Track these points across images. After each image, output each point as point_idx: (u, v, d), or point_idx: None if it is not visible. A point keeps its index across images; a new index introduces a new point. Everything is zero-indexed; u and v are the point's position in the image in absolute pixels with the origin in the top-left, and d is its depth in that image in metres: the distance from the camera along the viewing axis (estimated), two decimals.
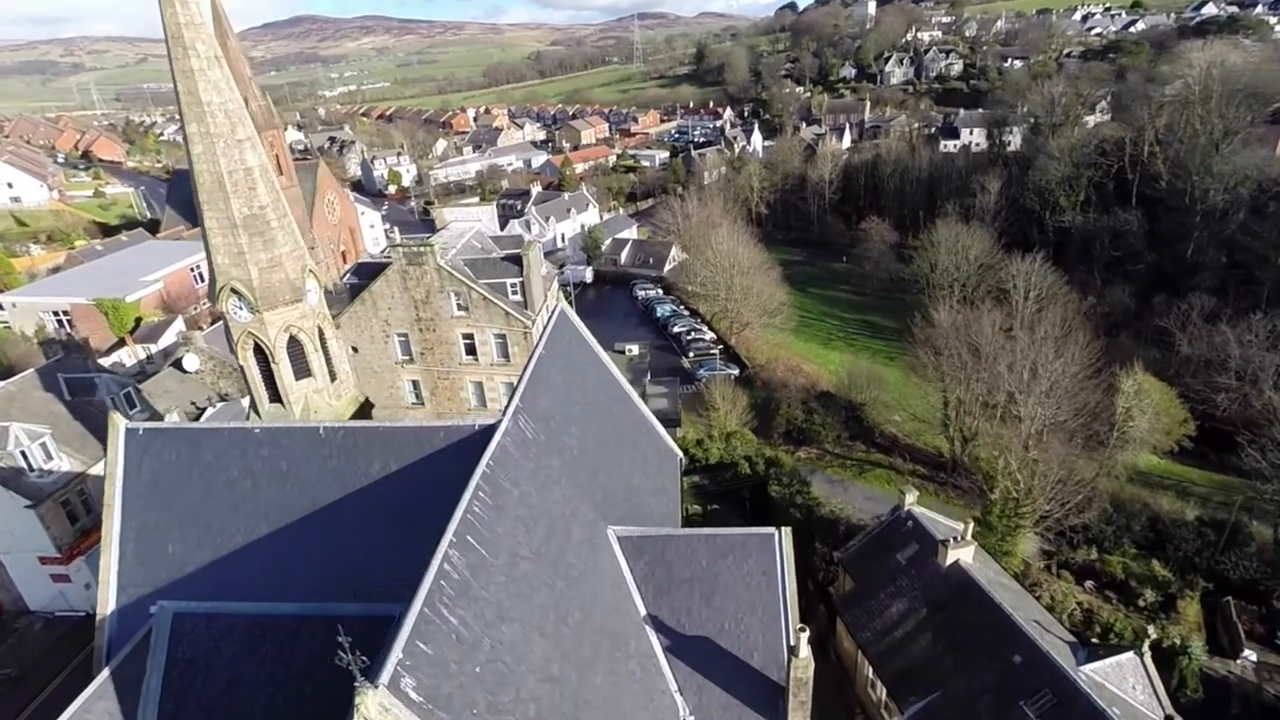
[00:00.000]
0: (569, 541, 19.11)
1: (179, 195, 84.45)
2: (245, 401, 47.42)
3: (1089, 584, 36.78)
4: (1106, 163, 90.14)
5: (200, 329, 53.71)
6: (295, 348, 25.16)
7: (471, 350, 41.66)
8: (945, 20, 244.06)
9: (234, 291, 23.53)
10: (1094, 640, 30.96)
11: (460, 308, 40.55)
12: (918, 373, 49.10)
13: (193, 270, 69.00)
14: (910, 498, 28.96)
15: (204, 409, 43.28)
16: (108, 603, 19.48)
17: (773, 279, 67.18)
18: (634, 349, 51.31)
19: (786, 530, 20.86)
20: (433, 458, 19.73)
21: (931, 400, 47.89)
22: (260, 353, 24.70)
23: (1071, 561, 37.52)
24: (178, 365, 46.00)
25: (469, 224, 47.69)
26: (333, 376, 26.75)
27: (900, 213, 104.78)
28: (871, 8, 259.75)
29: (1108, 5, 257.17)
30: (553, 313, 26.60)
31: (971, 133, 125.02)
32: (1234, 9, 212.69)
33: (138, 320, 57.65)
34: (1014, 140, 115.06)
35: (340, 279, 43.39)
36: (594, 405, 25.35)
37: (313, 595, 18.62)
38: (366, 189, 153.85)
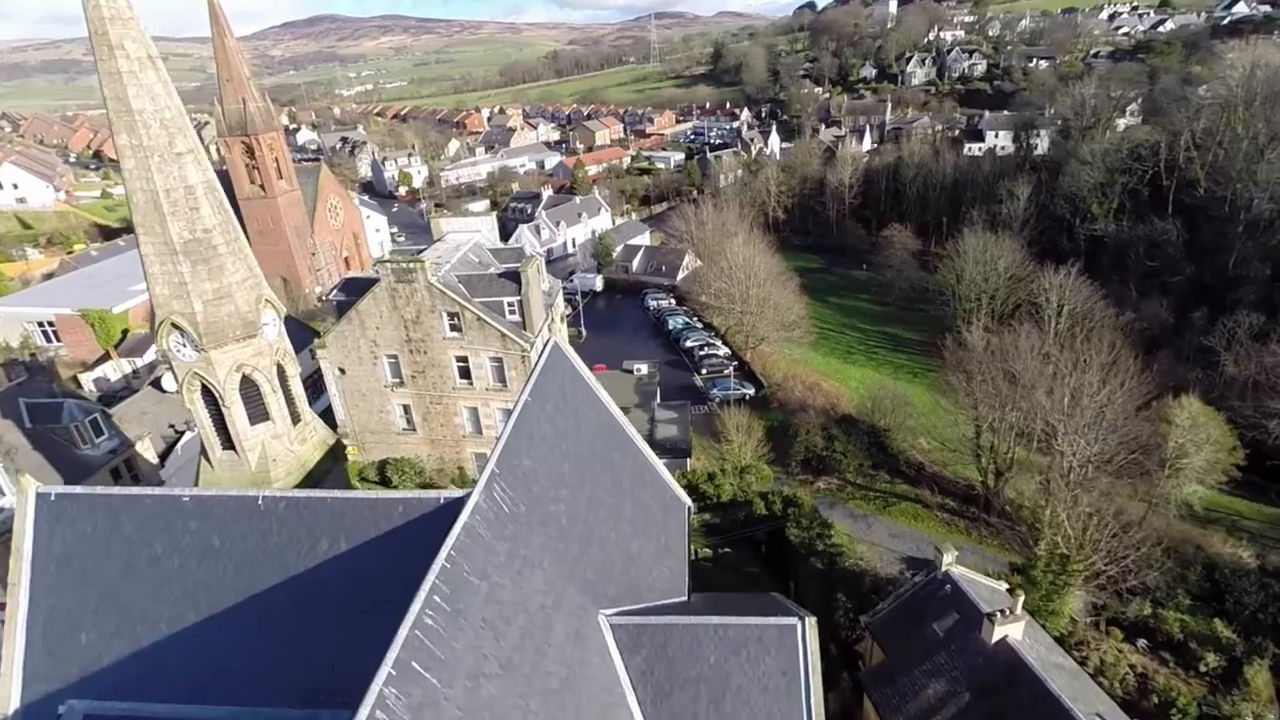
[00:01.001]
0: (550, 641, 15.81)
1: None
2: None
3: (1142, 643, 32.93)
4: (1141, 168, 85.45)
5: None
6: (250, 388, 22.07)
7: (466, 374, 38.52)
8: (968, 20, 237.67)
9: (175, 327, 20.45)
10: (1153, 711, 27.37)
11: (453, 328, 37.42)
12: (947, 397, 45.29)
13: None
14: (948, 557, 25.35)
15: (181, 433, 40.54)
16: (9, 699, 16.48)
17: (790, 291, 63.57)
18: (643, 368, 48.00)
19: (811, 622, 17.42)
20: (390, 536, 16.53)
21: (962, 427, 44.09)
22: (211, 395, 21.64)
23: (1122, 617, 33.70)
24: (156, 385, 43.37)
25: (467, 235, 44.59)
26: (295, 419, 23.64)
27: (923, 219, 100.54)
28: (893, 6, 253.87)
29: (1135, 4, 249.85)
30: (544, 348, 23.29)
31: (997, 135, 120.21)
32: (1267, 8, 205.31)
33: (124, 332, 55.22)
34: (1041, 144, 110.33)
35: (327, 296, 40.43)
36: (589, 456, 22.03)
37: (246, 696, 15.52)
38: (377, 190, 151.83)
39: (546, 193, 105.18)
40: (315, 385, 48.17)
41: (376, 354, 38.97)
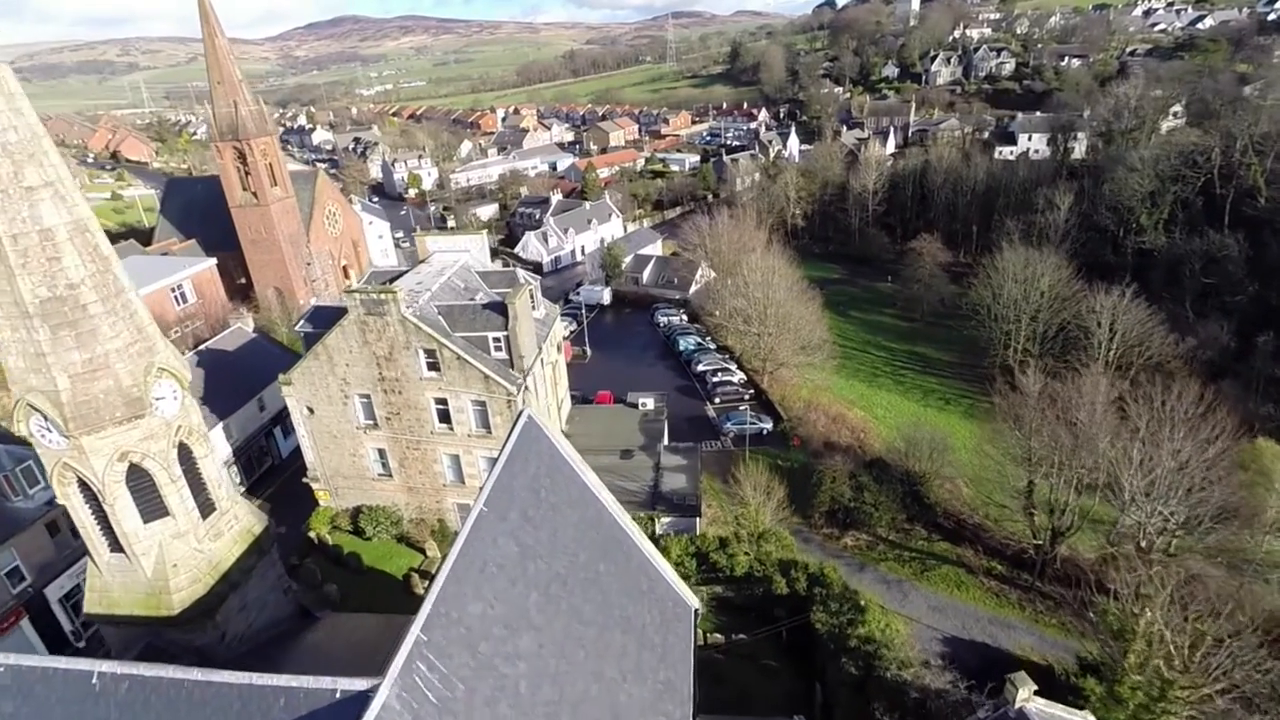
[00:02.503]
0: None
1: (174, 203, 78.54)
2: None
3: None
4: (1194, 176, 78.50)
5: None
6: (143, 478, 17.31)
7: (446, 417, 33.68)
8: (994, 17, 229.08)
9: (34, 408, 15.71)
10: None
11: (431, 367, 32.57)
12: (994, 443, 39.60)
13: (173, 291, 62.61)
14: (1022, 693, 19.92)
15: None
16: None
17: (813, 312, 57.97)
18: (649, 403, 42.90)
19: None
20: None
21: (1011, 479, 38.36)
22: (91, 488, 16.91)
23: None
24: None
25: (454, 255, 39.74)
26: (208, 509, 18.84)
27: (951, 228, 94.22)
28: (915, 4, 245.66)
29: (1171, 0, 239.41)
30: (514, 426, 18.32)
31: (1030, 138, 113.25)
32: None
33: None
34: (1079, 148, 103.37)
35: (294, 327, 35.84)
36: (566, 577, 16.97)
37: None
38: (387, 192, 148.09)
39: (556, 197, 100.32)
40: (286, 423, 43.64)
41: (347, 393, 34.26)
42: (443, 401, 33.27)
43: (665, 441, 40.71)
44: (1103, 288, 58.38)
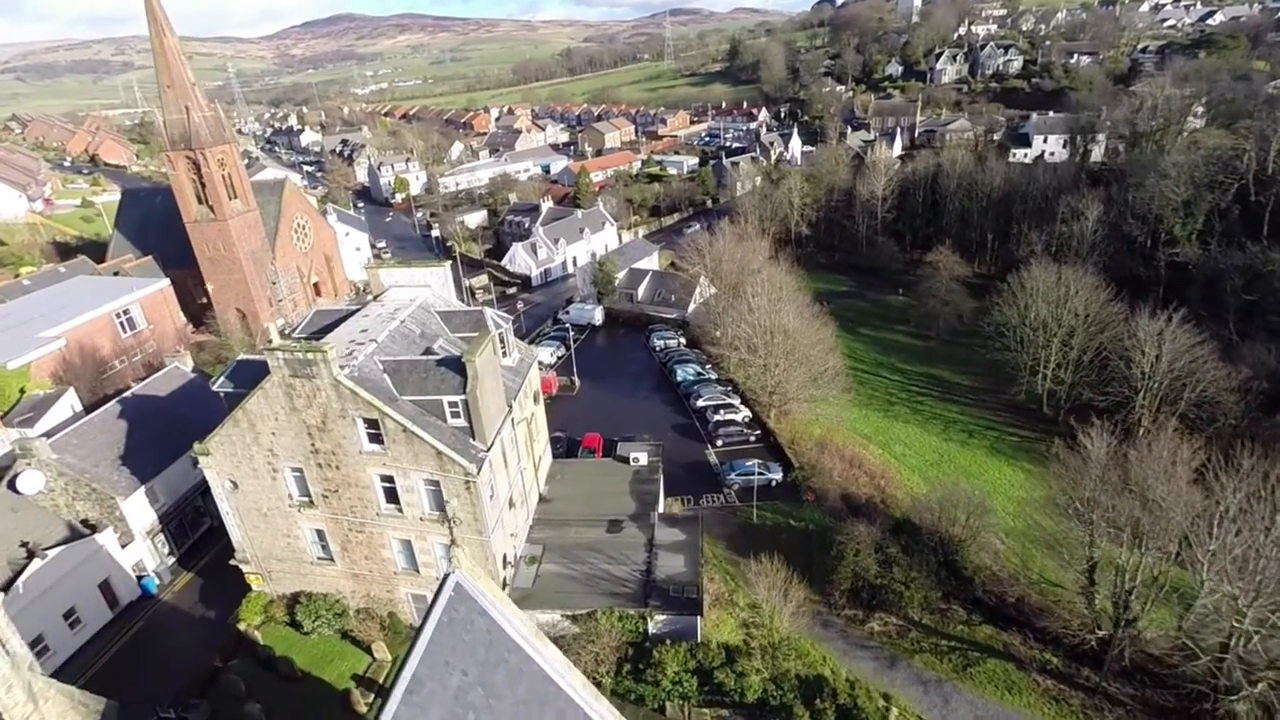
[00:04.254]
0: None
1: (130, 216, 72.26)
2: (105, 538, 34.45)
3: None
4: (1228, 182, 72.35)
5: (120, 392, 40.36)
6: None
7: (394, 497, 27.61)
8: (999, 13, 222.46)
9: None
10: None
11: (373, 439, 26.51)
12: (1049, 513, 33.53)
13: (119, 316, 56.43)
14: None
15: (33, 555, 30.11)
16: None
17: (826, 340, 51.90)
18: (641, 458, 36.83)
19: None
20: None
21: (1067, 555, 32.32)
22: None
23: None
24: (12, 485, 32.92)
25: (413, 291, 33.64)
26: None
27: (965, 237, 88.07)
28: (917, 1, 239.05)
29: None
30: (436, 596, 12.39)
31: (1045, 140, 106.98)
32: None
33: (22, 391, 45.00)
34: (1097, 150, 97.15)
35: (213, 384, 29.75)
36: None
37: None
38: (373, 197, 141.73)
39: (546, 205, 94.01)
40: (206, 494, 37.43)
41: (275, 465, 28.16)
42: (389, 479, 27.22)
43: (660, 508, 34.62)
44: (1145, 309, 52.40)
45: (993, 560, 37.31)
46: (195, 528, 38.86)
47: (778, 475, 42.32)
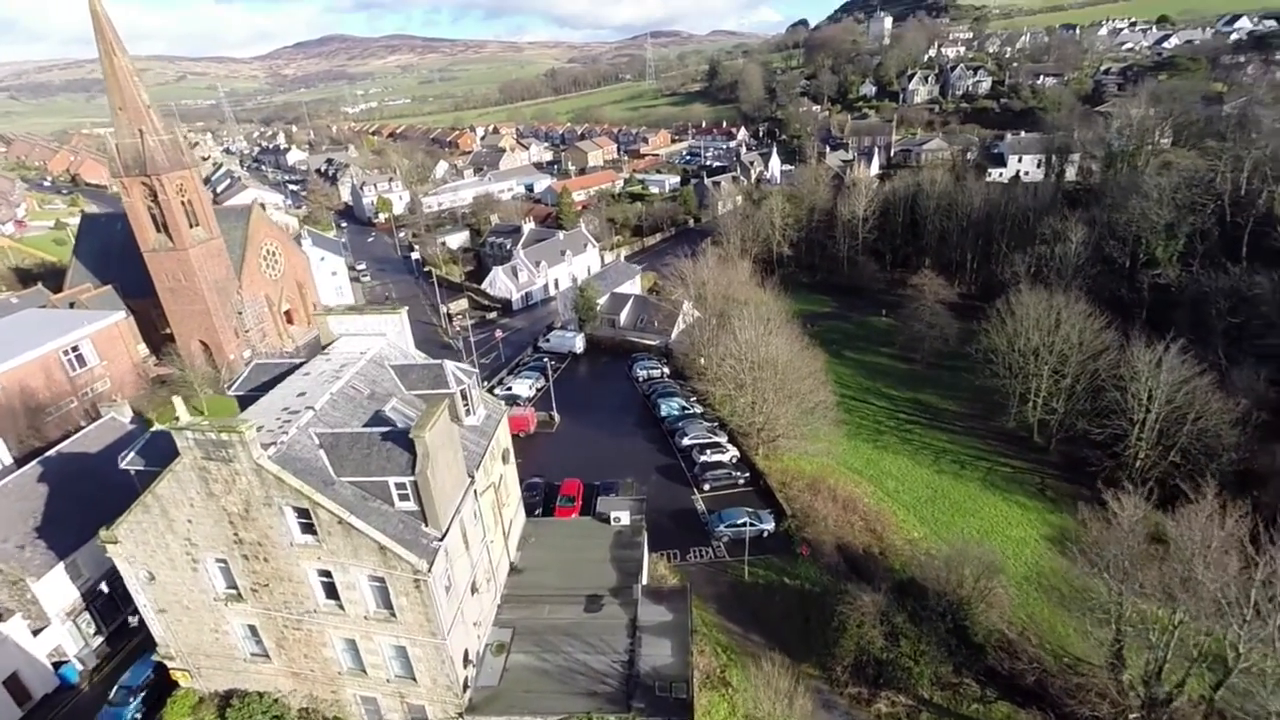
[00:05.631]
0: None
1: (89, 243, 66.44)
2: (11, 626, 29.05)
3: None
4: (1206, 204, 69.59)
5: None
6: None
7: (333, 593, 22.73)
8: (966, 36, 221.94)
9: None
10: None
11: (306, 529, 21.63)
12: (1070, 582, 29.45)
13: (66, 354, 50.74)
14: None
15: None
16: None
17: (815, 373, 47.72)
18: (623, 516, 32.21)
19: None
20: None
21: (1094, 628, 28.18)
22: None
23: None
24: None
25: (366, 341, 28.76)
26: None
27: (946, 257, 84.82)
28: (888, 23, 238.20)
29: (1133, 20, 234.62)
30: None
31: (1020, 160, 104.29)
32: (1274, 23, 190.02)
33: None
34: (1070, 170, 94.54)
35: (123, 461, 24.65)
36: None
37: None
38: (357, 216, 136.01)
39: (528, 226, 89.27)
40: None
41: (196, 555, 23.18)
42: (327, 574, 22.34)
43: (644, 577, 29.98)
44: (1139, 338, 48.84)
45: (1002, 620, 33.11)
46: (128, 601, 33.46)
47: (769, 525, 37.91)
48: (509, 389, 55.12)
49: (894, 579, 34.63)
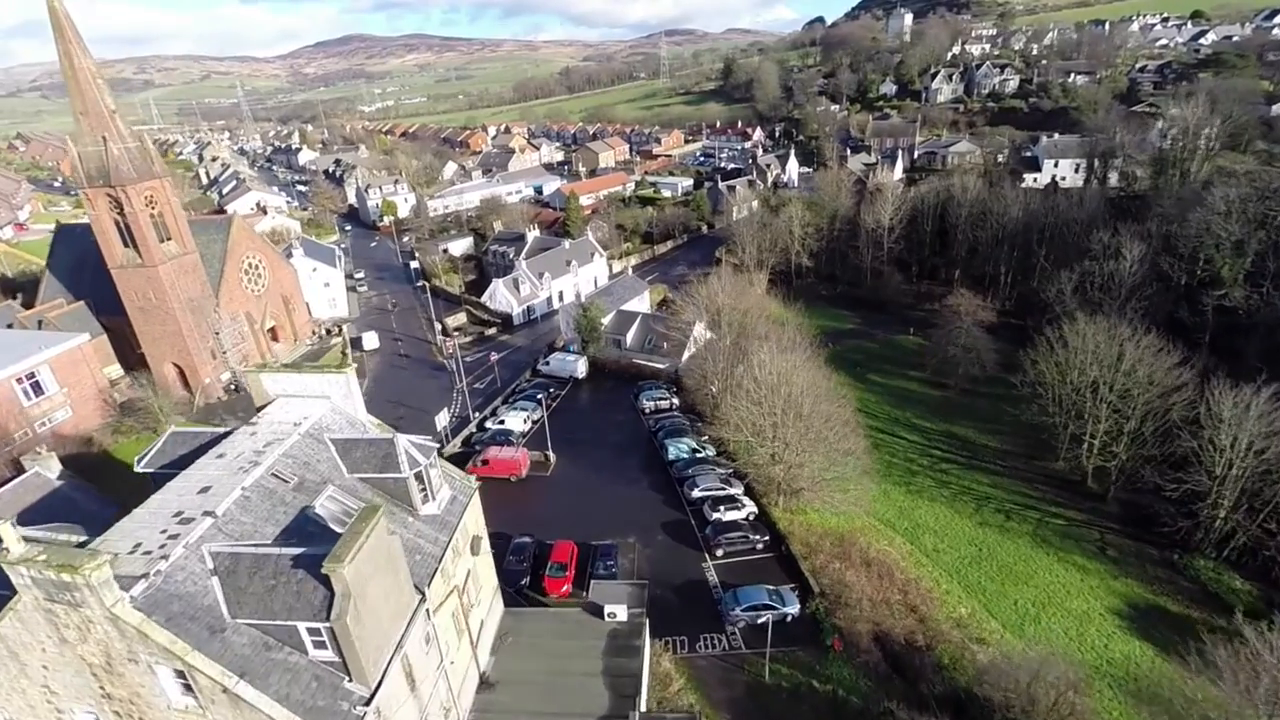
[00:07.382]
0: None
1: (63, 256, 61.63)
2: None
3: None
4: (1277, 215, 61.95)
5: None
6: None
7: None
8: (990, 33, 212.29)
9: None
10: None
11: (186, 689, 15.95)
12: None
13: (21, 381, 45.81)
14: None
15: None
16: None
17: (845, 417, 41.40)
18: (619, 611, 26.42)
19: None
20: None
21: None
22: None
23: None
24: None
25: (308, 405, 23.13)
26: None
27: (979, 269, 77.79)
28: (909, 20, 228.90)
29: (1165, 15, 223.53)
30: None
31: (1056, 164, 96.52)
32: None
33: None
34: (1113, 176, 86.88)
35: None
36: None
37: None
38: (362, 219, 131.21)
39: (532, 233, 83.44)
40: None
41: (59, 706, 17.63)
42: None
43: (644, 698, 24.05)
44: (1222, 376, 41.90)
45: None
46: None
47: (794, 609, 31.81)
48: (501, 421, 49.43)
49: (945, 681, 28.44)
